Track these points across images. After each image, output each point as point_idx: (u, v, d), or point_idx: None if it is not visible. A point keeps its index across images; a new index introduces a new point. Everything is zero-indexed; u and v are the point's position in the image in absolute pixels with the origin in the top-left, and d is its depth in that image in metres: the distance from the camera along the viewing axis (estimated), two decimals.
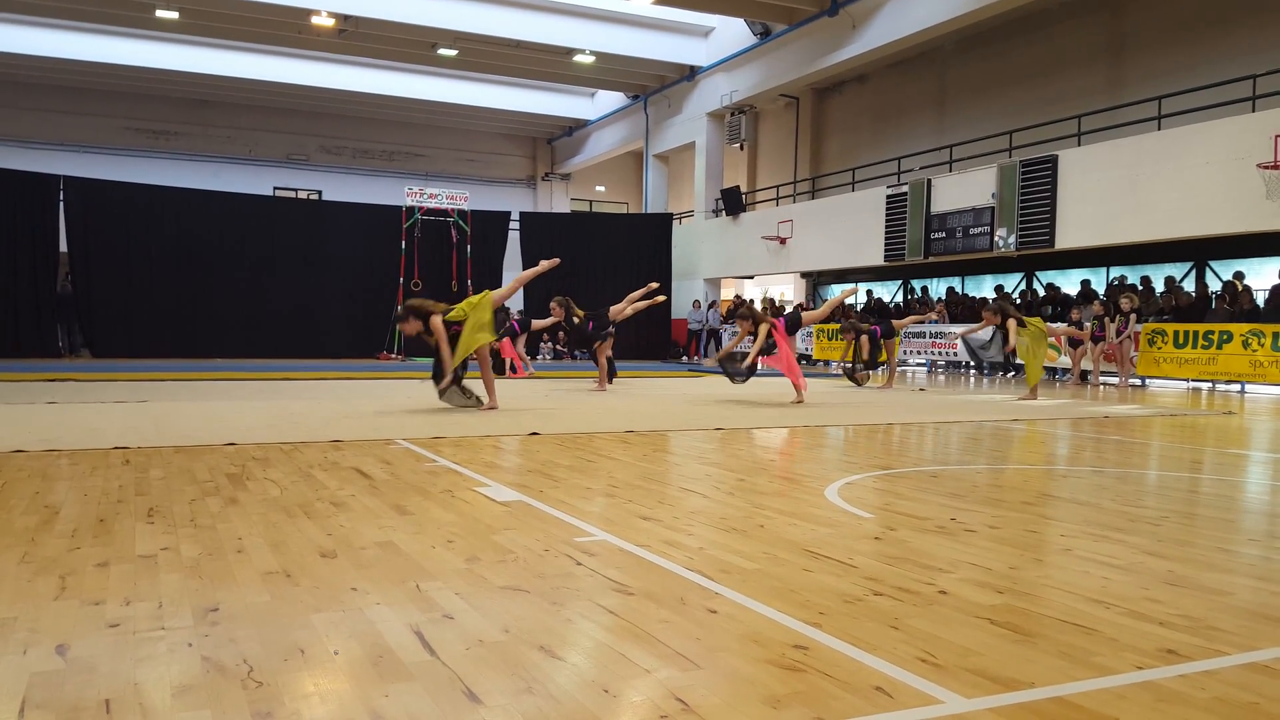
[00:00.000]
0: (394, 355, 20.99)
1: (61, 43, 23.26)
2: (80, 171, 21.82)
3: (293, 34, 22.50)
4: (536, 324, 15.43)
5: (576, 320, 11.89)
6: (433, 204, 22.05)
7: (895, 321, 13.70)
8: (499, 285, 23.77)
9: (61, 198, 19.82)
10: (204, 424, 7.05)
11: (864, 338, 13.12)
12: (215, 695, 1.91)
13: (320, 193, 29.10)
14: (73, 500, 4.00)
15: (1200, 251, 16.61)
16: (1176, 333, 14.35)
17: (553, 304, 12.17)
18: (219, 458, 5.35)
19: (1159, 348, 14.54)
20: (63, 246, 19.87)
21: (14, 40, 22.89)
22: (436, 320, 8.08)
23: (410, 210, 21.81)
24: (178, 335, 20.22)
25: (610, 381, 12.18)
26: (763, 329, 9.79)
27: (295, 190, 29.12)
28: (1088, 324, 15.10)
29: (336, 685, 1.98)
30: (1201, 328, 14.12)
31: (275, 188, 28.52)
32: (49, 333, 19.82)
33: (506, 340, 13.72)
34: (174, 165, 27.13)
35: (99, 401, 8.88)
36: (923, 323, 13.90)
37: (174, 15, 20.73)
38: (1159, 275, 16.91)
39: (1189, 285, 16.51)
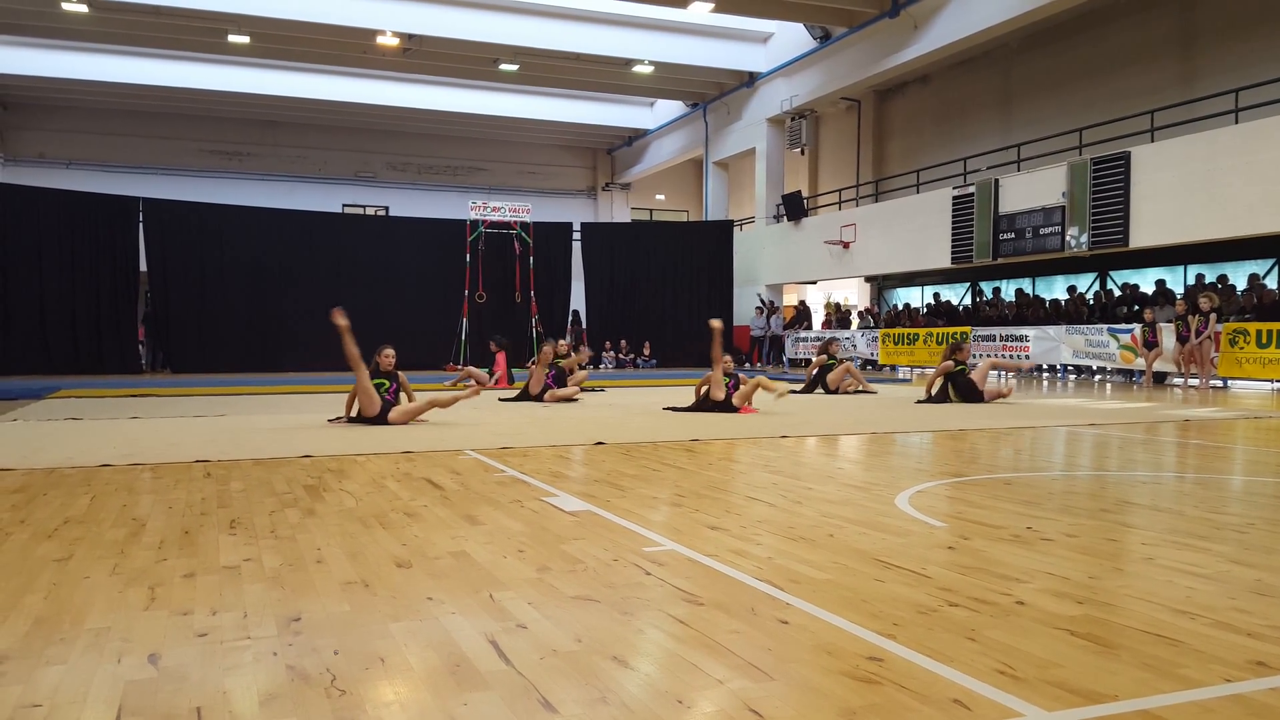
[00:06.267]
0: (460, 367, 21.26)
1: (138, 69, 24.17)
2: (158, 193, 22.66)
3: (358, 54, 23.08)
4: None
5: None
6: (496, 217, 22.36)
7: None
8: (563, 295, 24.25)
9: (141, 219, 20.57)
10: (280, 436, 7.25)
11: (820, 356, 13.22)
12: (300, 703, 1.97)
13: (387, 208, 29.71)
14: (158, 513, 4.14)
15: None
16: (1260, 332, 13.82)
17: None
18: (296, 469, 5.49)
19: (1241, 348, 14.02)
20: (143, 266, 20.64)
21: (94, 68, 23.85)
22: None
23: (474, 224, 22.14)
24: (251, 349, 20.80)
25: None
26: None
27: (364, 207, 29.77)
28: (1138, 328, 14.62)
29: (416, 694, 2.03)
30: None
31: (344, 204, 29.19)
32: (130, 349, 20.56)
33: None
34: (247, 185, 27.92)
35: (179, 416, 9.18)
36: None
37: (245, 39, 21.39)
38: (1239, 273, 16.33)
39: (1272, 283, 15.91)
